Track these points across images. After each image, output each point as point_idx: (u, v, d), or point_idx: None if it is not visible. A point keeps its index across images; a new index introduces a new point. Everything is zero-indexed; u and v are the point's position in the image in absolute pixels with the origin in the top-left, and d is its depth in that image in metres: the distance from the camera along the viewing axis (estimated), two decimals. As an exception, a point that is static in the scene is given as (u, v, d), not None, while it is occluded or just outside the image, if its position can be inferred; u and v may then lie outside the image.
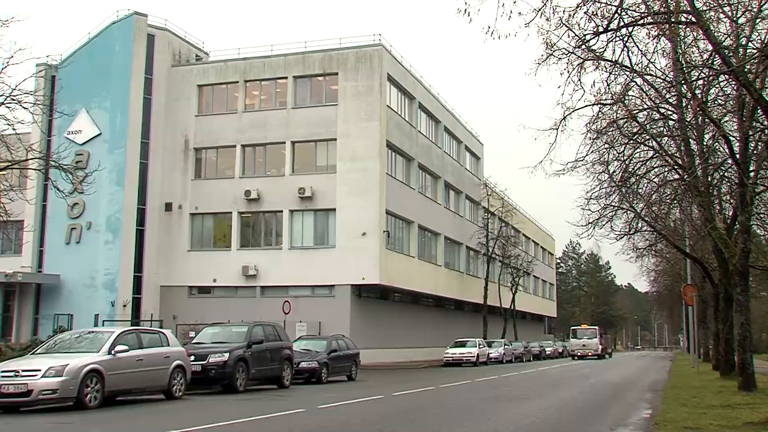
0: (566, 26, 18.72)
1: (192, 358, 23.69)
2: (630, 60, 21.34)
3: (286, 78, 51.73)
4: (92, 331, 23.03)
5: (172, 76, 53.44)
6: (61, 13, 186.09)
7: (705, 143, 29.09)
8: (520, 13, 16.73)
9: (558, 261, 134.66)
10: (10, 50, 28.06)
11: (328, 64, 50.77)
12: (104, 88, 51.37)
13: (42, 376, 18.19)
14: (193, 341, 27.39)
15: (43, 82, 46.43)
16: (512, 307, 77.71)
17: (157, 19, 53.76)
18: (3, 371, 18.61)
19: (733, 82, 21.52)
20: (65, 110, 43.63)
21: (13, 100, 26.05)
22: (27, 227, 48.90)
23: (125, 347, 20.19)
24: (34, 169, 31.10)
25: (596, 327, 79.77)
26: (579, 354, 71.51)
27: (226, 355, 24.78)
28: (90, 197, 46.77)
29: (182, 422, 15.93)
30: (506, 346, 61.58)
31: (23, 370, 18.50)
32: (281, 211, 50.08)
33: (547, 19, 17.79)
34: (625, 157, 29.97)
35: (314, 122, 50.07)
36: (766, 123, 22.21)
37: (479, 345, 54.79)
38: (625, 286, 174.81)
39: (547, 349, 76.35)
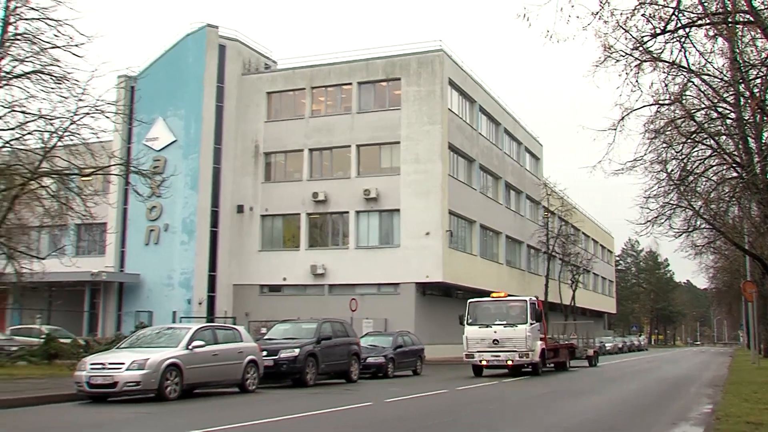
0: (623, 29, 18.43)
1: (264, 353, 23.76)
2: (687, 60, 20.96)
3: (350, 84, 51.85)
4: (171, 328, 23.31)
5: (243, 84, 53.90)
6: (139, 28, 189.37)
7: (763, 141, 28.38)
8: (578, 17, 16.51)
9: (617, 258, 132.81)
10: (94, 64, 28.54)
11: (391, 69, 50.77)
12: (179, 97, 52.03)
13: (126, 369, 18.48)
14: (265, 337, 27.49)
15: (123, 92, 47.13)
16: (572, 304, 76.90)
17: (228, 31, 54.45)
18: (92, 364, 18.99)
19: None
20: (143, 119, 44.49)
21: (97, 110, 26.37)
22: (110, 229, 49.82)
23: (202, 343, 20.38)
24: (116, 175, 31.50)
25: (527, 299, 32.34)
26: (484, 363, 30.96)
27: (297, 350, 24.82)
28: (167, 201, 47.34)
29: (256, 414, 15.98)
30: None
31: (109, 363, 18.84)
32: (347, 212, 50.21)
33: (604, 22, 17.53)
34: (683, 156, 29.37)
35: (378, 126, 50.10)
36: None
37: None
38: (684, 282, 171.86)
39: (607, 344, 75.40)
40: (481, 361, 30.86)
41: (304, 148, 51.97)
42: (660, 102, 24.37)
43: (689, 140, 28.25)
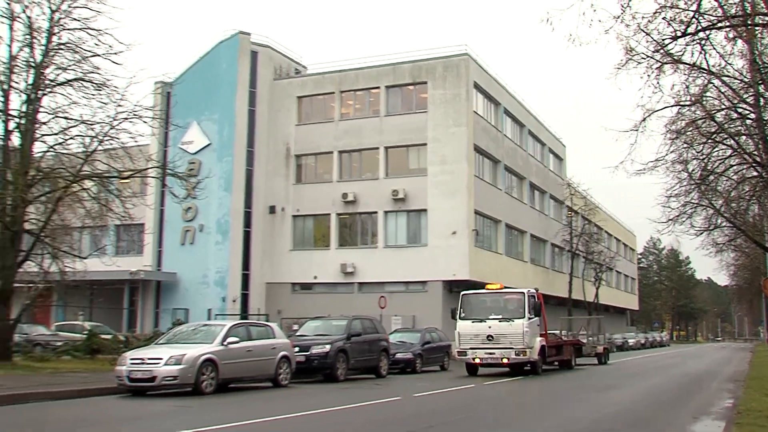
0: (644, 32, 18.39)
1: (296, 349, 23.93)
2: (707, 62, 20.89)
3: (378, 88, 51.95)
4: (206, 324, 23.60)
5: (274, 89, 54.14)
6: (174, 36, 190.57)
7: (783, 141, 28.19)
8: (599, 21, 16.50)
9: (639, 256, 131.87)
10: (132, 71, 28.86)
11: (418, 73, 50.82)
12: (213, 101, 52.36)
13: (164, 364, 18.72)
14: (297, 334, 27.66)
15: (159, 98, 47.58)
16: (596, 301, 76.59)
17: (260, 37, 54.74)
18: (131, 359, 19.27)
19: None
20: (179, 123, 44.54)
21: (135, 115, 26.67)
22: (147, 230, 50.19)
23: (236, 339, 20.57)
24: (153, 177, 31.77)
25: (524, 292, 29.02)
26: (477, 361, 28.04)
27: (328, 346, 24.97)
28: (202, 202, 47.56)
29: (289, 408, 16.13)
30: (590, 338, 60.53)
31: (148, 359, 19.09)
32: (376, 212, 50.32)
33: (626, 26, 17.50)
34: (703, 156, 29.22)
35: (405, 128, 50.16)
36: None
37: (564, 337, 53.95)
38: (705, 279, 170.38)
39: (629, 340, 75.11)
40: (474, 358, 27.86)
41: (333, 150, 52.14)
42: (681, 103, 24.30)
43: (710, 140, 28.11)
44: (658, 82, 20.15)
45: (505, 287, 31.73)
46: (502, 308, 28.48)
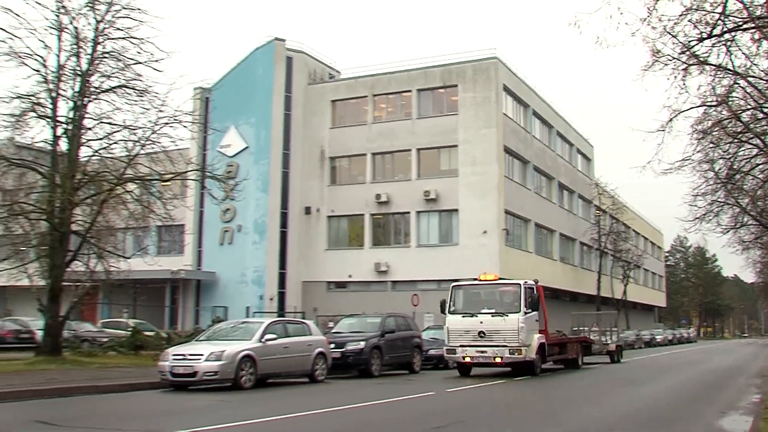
0: (670, 34, 18.33)
1: (332, 345, 24.00)
2: (733, 63, 20.71)
3: (410, 91, 52.00)
4: (245, 322, 23.76)
5: (309, 93, 54.36)
6: (212, 43, 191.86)
7: (808, 140, 27.88)
8: (626, 24, 16.50)
9: (666, 254, 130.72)
10: (172, 77, 29.20)
11: (448, 77, 50.80)
12: (250, 106, 52.68)
13: (205, 360, 18.89)
14: (332, 331, 27.73)
15: (198, 103, 47.93)
16: (624, 298, 76.10)
17: (294, 43, 54.96)
18: (173, 355, 19.48)
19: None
20: (217, 127, 45.06)
21: (176, 120, 26.92)
22: (188, 230, 50.59)
23: (274, 336, 20.70)
24: (193, 180, 32.02)
25: (520, 283, 25.22)
26: (467, 360, 24.77)
27: (362, 343, 25.04)
28: (239, 203, 47.82)
29: (325, 402, 16.21)
30: (618, 335, 60.24)
31: (189, 355, 19.28)
32: (409, 213, 50.37)
33: (652, 28, 17.46)
34: (729, 155, 28.97)
35: (437, 131, 50.16)
36: None
37: (593, 333, 53.66)
38: (732, 277, 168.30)
39: (657, 337, 74.54)
40: (464, 357, 24.55)
41: (367, 152, 52.26)
42: (707, 104, 24.11)
43: (736, 140, 27.87)
44: (684, 83, 20.06)
45: (500, 278, 29.30)
46: (496, 301, 25.34)
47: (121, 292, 44.27)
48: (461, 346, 24.60)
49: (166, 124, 26.79)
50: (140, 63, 26.43)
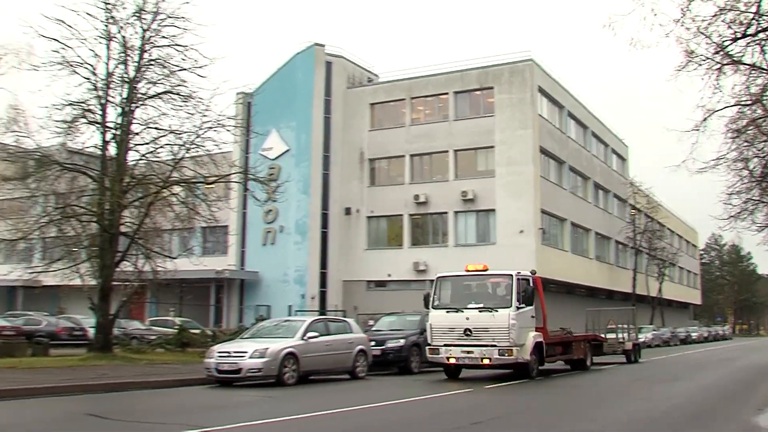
0: (704, 34, 18.14)
1: (372, 343, 24.05)
2: (767, 62, 20.41)
3: (447, 93, 51.89)
4: (287, 320, 23.88)
5: (348, 96, 54.47)
6: (253, 49, 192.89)
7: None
8: (660, 25, 16.34)
9: (701, 252, 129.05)
10: (215, 83, 29.42)
11: (484, 79, 50.63)
12: (291, 110, 52.87)
13: (249, 357, 19.02)
14: (373, 329, 27.79)
15: (241, 107, 48.18)
16: (659, 296, 75.33)
17: (333, 48, 55.02)
18: (219, 352, 19.64)
19: None
20: (259, 131, 45.31)
21: (219, 124, 27.17)
22: (231, 231, 50.84)
23: (316, 333, 20.80)
24: (236, 182, 32.27)
25: (512, 274, 21.85)
26: (452, 361, 21.55)
27: (402, 341, 25.09)
28: (281, 204, 47.99)
29: (366, 398, 16.26)
30: (654, 332, 59.74)
31: (234, 352, 19.42)
32: (446, 213, 50.26)
33: (686, 29, 17.28)
34: (764, 154, 28.61)
35: (473, 132, 50.01)
36: None
37: (629, 330, 53.25)
38: (767, 274, 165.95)
39: (692, 334, 73.72)
40: (448, 358, 21.32)
41: (405, 154, 52.24)
42: (741, 103, 23.82)
43: (770, 138, 27.49)
44: (718, 83, 19.86)
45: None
46: (485, 295, 22.12)
47: (167, 291, 44.72)
48: (445, 345, 21.37)
49: (210, 128, 27.07)
50: (185, 69, 26.75)
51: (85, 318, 36.55)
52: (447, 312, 21.70)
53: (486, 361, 20.86)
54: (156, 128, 27.06)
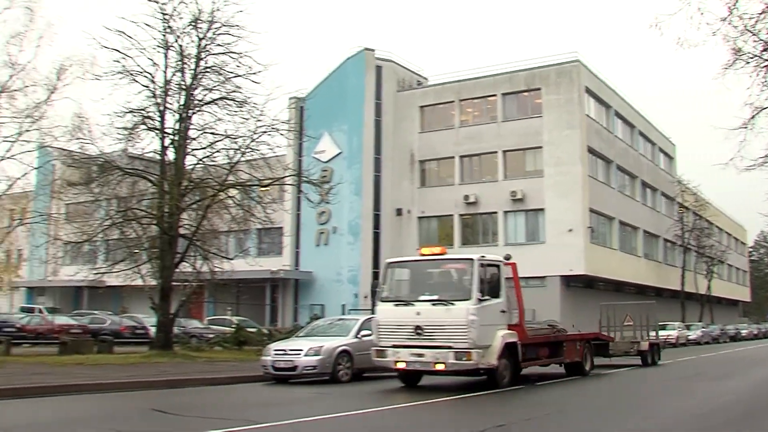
0: (751, 32, 17.71)
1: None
2: (816, 58, 19.87)
3: (495, 95, 51.64)
4: (341, 319, 23.94)
5: (398, 100, 54.45)
6: (305, 55, 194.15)
7: None
8: (707, 23, 16.02)
9: (750, 249, 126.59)
10: (269, 88, 29.65)
11: (532, 80, 50.30)
12: (342, 113, 53.04)
13: (304, 355, 19.10)
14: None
15: (294, 112, 48.42)
16: (708, 293, 74.02)
17: (383, 53, 55.03)
18: (275, 350, 19.76)
19: None
20: (312, 134, 45.41)
21: (273, 128, 27.33)
22: (286, 233, 51.18)
23: (368, 332, 20.76)
24: (290, 185, 32.42)
25: (473, 258, 17.05)
26: (401, 366, 17.14)
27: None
28: (334, 206, 48.13)
29: (418, 396, 16.14)
30: (704, 329, 58.74)
31: (290, 350, 19.52)
32: (496, 212, 50.02)
33: (733, 27, 16.90)
34: (814, 151, 27.86)
35: (522, 133, 49.69)
36: None
37: (678, 328, 52.59)
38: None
39: (742, 331, 72.29)
40: (396, 362, 17.13)
41: (455, 155, 52.09)
42: (790, 100, 23.20)
43: (821, 135, 26.80)
44: (766, 80, 19.37)
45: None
46: (442, 285, 17.71)
47: (225, 291, 45.15)
48: (393, 346, 17.22)
49: (264, 132, 27.25)
50: (239, 76, 26.99)
51: (146, 317, 37.12)
52: (396, 305, 17.43)
53: (439, 367, 16.56)
54: (212, 133, 27.36)
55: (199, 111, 27.31)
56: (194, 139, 27.43)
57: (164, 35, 26.59)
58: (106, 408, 14.39)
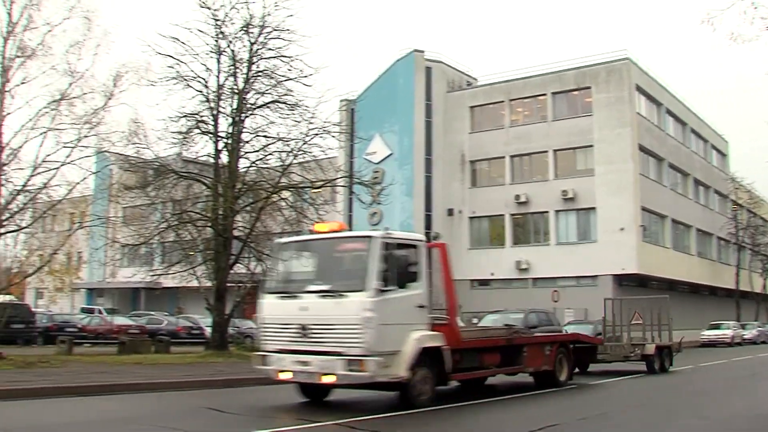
0: (805, 26, 17.14)
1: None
2: None
3: (544, 95, 51.19)
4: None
5: (448, 100, 54.25)
6: (354, 57, 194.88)
7: None
8: (761, 18, 15.54)
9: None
10: (320, 91, 29.70)
11: (581, 79, 49.74)
12: (393, 115, 52.99)
13: None
14: (478, 326, 27.54)
15: (345, 114, 48.52)
16: (763, 292, 72.33)
17: (432, 54, 54.84)
18: None
19: None
20: (363, 136, 45.45)
21: (324, 131, 27.35)
22: (338, 234, 51.23)
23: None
24: (342, 186, 32.52)
25: (374, 235, 12.95)
26: (284, 376, 13.27)
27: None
28: (386, 207, 48.02)
29: (474, 395, 15.94)
30: (760, 328, 57.40)
31: None
32: (547, 212, 49.57)
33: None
34: None
35: (572, 132, 49.15)
36: None
37: (733, 327, 51.50)
38: None
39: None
40: (278, 372, 13.40)
41: (505, 155, 51.73)
42: None
43: None
44: (822, 74, 18.79)
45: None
46: (334, 271, 13.75)
47: (278, 292, 45.28)
48: (277, 351, 13.39)
49: (316, 135, 27.27)
50: (291, 79, 27.04)
51: (202, 318, 37.46)
52: (281, 298, 13.56)
53: (327, 379, 12.68)
54: (265, 136, 27.47)
55: (251, 114, 27.45)
56: (247, 142, 27.58)
57: (217, 41, 26.80)
58: (163, 406, 14.56)
